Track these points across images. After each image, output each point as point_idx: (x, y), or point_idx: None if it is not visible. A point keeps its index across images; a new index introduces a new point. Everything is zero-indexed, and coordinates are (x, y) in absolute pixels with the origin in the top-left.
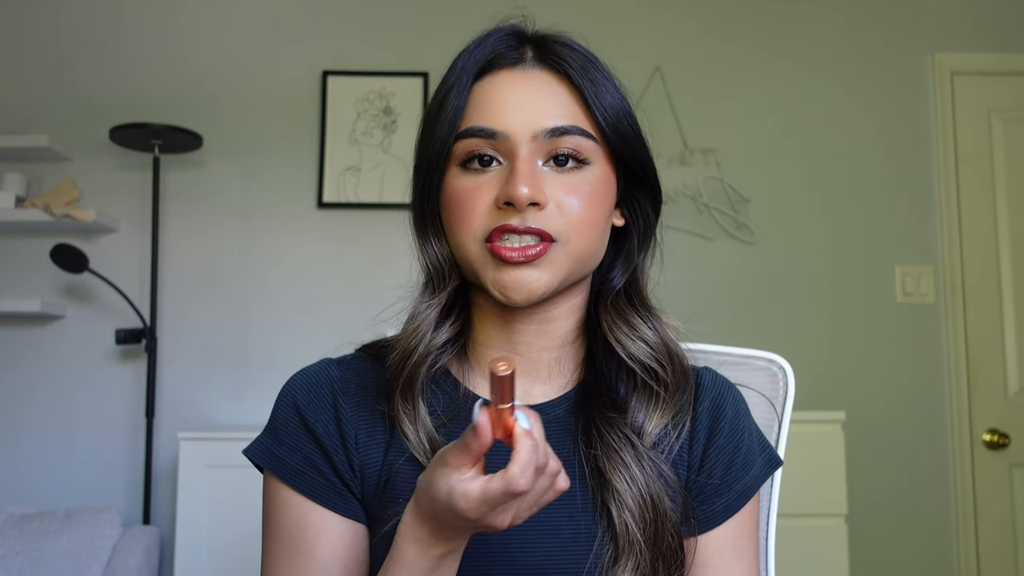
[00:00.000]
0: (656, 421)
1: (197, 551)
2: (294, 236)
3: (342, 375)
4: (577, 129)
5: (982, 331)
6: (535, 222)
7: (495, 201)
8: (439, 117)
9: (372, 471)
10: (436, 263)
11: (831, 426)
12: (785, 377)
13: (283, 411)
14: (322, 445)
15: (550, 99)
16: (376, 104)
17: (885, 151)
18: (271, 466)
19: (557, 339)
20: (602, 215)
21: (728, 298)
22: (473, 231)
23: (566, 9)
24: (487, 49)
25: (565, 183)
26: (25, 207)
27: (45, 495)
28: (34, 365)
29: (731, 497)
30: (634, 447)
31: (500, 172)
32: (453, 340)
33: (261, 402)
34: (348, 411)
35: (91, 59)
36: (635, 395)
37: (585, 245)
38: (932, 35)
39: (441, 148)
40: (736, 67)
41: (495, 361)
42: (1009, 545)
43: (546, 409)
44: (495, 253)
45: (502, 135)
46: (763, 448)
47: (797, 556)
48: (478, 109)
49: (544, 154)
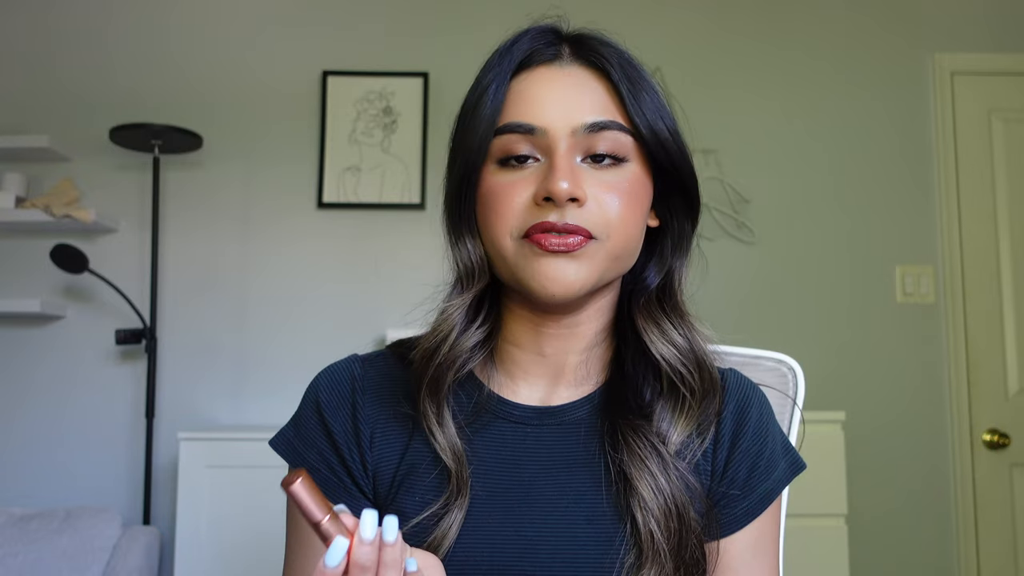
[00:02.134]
0: (681, 429)
1: (197, 551)
2: (294, 236)
3: (365, 373)
4: (616, 124)
5: (982, 331)
6: (574, 219)
7: (534, 197)
8: (476, 113)
9: (386, 471)
10: (467, 262)
11: (831, 426)
12: (795, 377)
13: (306, 405)
14: (336, 443)
15: (588, 94)
16: (376, 104)
17: (885, 151)
18: (290, 458)
19: (584, 341)
20: (639, 214)
21: (728, 298)
22: (510, 227)
23: (566, 10)
24: (524, 46)
25: (603, 180)
26: (25, 207)
27: (45, 495)
28: (34, 365)
29: (752, 501)
30: (660, 456)
31: (538, 168)
32: (482, 343)
33: (261, 402)
34: (366, 410)
35: (91, 59)
36: (661, 400)
37: (623, 244)
38: (932, 35)
39: (479, 144)
40: (736, 67)
41: (284, 481)
42: (1009, 545)
43: (568, 411)
44: (536, 243)
45: (540, 130)
46: (786, 451)
47: (797, 556)
48: (516, 105)
49: (582, 150)
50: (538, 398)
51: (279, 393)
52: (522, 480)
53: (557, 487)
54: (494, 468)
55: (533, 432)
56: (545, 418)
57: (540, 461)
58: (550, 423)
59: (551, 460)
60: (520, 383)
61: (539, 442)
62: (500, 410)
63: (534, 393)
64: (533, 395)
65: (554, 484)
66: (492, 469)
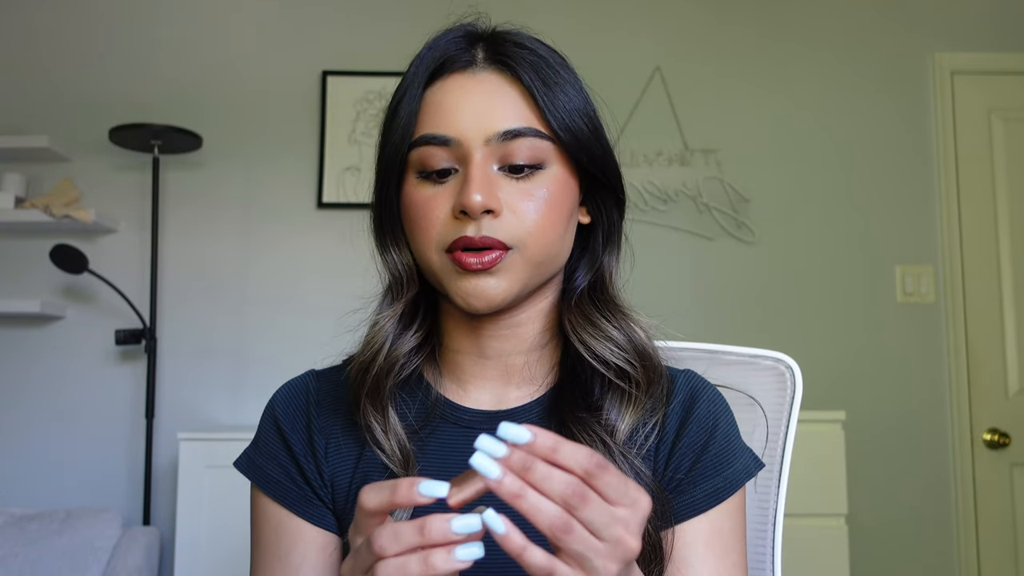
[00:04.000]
0: (628, 419)
1: (197, 551)
2: (294, 236)
3: (319, 387)
4: (531, 131)
5: (982, 331)
6: (489, 231)
7: (452, 210)
8: (393, 125)
9: (343, 481)
10: (395, 271)
11: (831, 426)
12: (793, 376)
13: (265, 422)
14: (295, 455)
15: (502, 102)
16: (376, 104)
17: (885, 151)
18: (251, 475)
19: (526, 342)
20: (560, 218)
21: (728, 298)
22: (433, 242)
23: (566, 10)
24: (437, 52)
25: (520, 188)
26: (25, 207)
27: (45, 495)
28: (34, 366)
29: (696, 496)
30: (606, 445)
31: (457, 179)
32: (419, 347)
33: (261, 402)
34: (320, 422)
35: (91, 59)
36: (609, 394)
37: (543, 250)
38: (932, 35)
39: (396, 157)
40: (736, 67)
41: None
42: (1009, 544)
43: (519, 414)
44: (456, 261)
45: (455, 141)
46: (743, 451)
47: (797, 556)
48: (430, 116)
49: (499, 159)
50: (488, 402)
51: None
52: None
53: None
54: (443, 472)
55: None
56: (495, 421)
57: None
58: None
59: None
60: (469, 387)
61: None
62: (449, 415)
63: (484, 397)
64: (483, 399)
65: None
66: (443, 474)
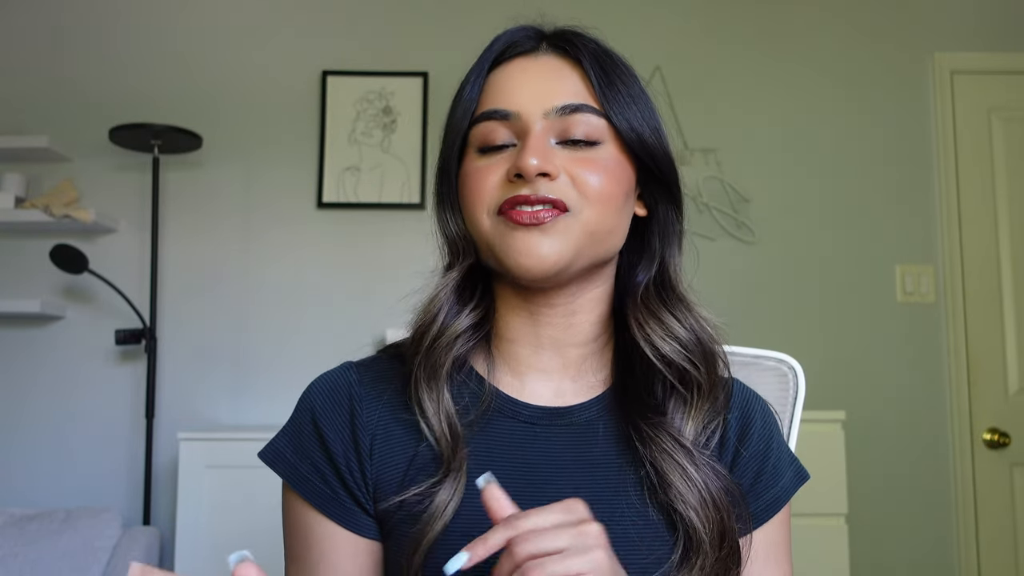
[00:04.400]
0: (692, 424)
1: (197, 551)
2: (294, 236)
3: (360, 379)
4: (588, 107)
5: (982, 331)
6: (547, 191)
7: (506, 174)
8: (457, 105)
9: (391, 480)
10: (452, 236)
11: (831, 426)
12: (795, 377)
13: (300, 416)
14: (332, 456)
15: (562, 80)
16: (376, 104)
17: (885, 150)
18: (280, 469)
19: (582, 334)
20: (618, 191)
21: (728, 298)
22: (485, 204)
23: (566, 9)
24: (503, 40)
25: (577, 156)
26: (25, 207)
27: (45, 496)
28: (34, 366)
29: (758, 507)
30: (685, 448)
31: (514, 152)
32: (475, 328)
33: (261, 402)
34: (365, 418)
35: (91, 59)
36: (672, 397)
37: (600, 219)
38: (932, 35)
39: (457, 133)
40: (736, 67)
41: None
42: (1009, 544)
43: (577, 412)
44: (508, 217)
45: (514, 115)
46: (791, 462)
47: (797, 556)
48: (492, 95)
49: (556, 133)
50: (546, 397)
51: (279, 393)
52: (534, 482)
53: (573, 489)
54: (502, 467)
55: (543, 433)
56: (555, 419)
57: (554, 463)
58: (559, 424)
59: (565, 462)
60: (525, 379)
61: (550, 443)
62: (507, 408)
63: (540, 390)
64: (539, 392)
65: (571, 486)
66: (499, 467)
